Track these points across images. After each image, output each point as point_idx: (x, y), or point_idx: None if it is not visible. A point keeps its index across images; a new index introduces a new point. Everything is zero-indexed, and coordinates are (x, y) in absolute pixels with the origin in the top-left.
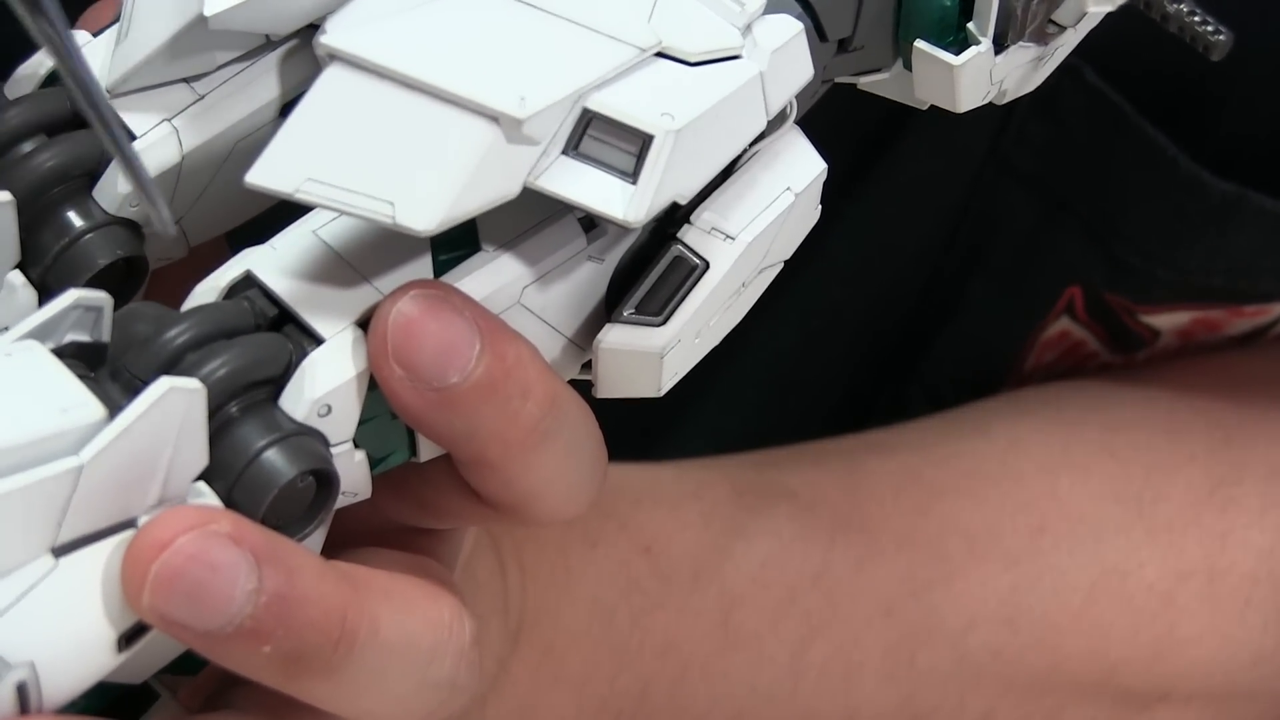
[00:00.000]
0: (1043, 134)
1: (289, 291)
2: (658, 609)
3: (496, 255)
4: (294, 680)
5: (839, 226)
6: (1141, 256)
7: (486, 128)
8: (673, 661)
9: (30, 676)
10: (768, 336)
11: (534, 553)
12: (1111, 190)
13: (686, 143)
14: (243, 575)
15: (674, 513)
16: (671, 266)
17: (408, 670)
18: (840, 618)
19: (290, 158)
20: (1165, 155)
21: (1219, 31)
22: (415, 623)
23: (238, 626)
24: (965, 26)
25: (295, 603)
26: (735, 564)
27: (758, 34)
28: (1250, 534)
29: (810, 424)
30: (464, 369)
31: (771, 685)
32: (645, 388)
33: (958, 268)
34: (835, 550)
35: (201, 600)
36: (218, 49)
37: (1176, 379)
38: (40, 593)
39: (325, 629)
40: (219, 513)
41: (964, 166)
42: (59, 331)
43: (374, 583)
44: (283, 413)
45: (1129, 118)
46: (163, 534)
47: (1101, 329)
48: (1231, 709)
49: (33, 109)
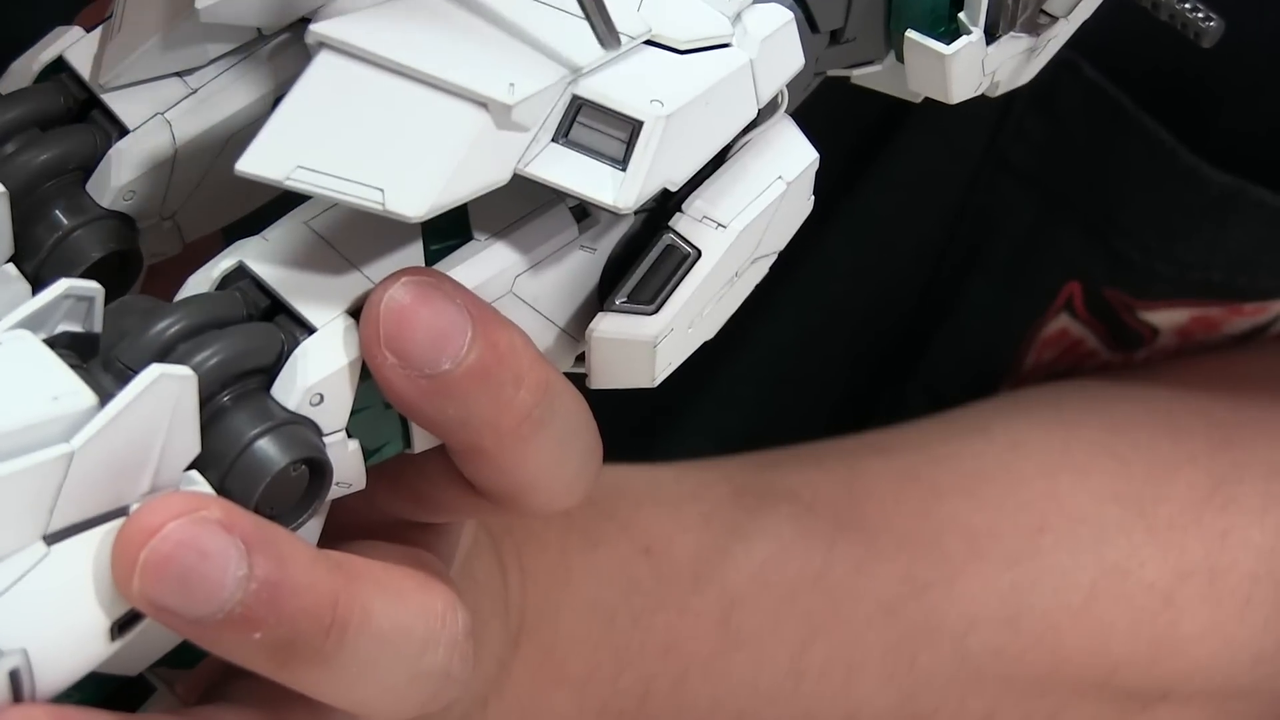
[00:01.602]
0: (1041, 129)
1: (280, 281)
2: (658, 610)
3: (488, 244)
4: (285, 668)
5: (838, 224)
6: (1140, 251)
7: (476, 114)
8: (673, 662)
9: (23, 663)
10: (767, 334)
11: (534, 554)
12: (1110, 184)
13: (676, 129)
14: (233, 562)
15: (674, 514)
16: (663, 255)
17: (400, 660)
18: (841, 618)
19: (280, 145)
20: (1164, 147)
21: (1210, 18)
22: (407, 612)
23: (228, 613)
24: (957, 17)
25: (286, 590)
26: (735, 565)
27: (747, 22)
28: (1251, 533)
29: (811, 422)
30: (456, 356)
31: (772, 685)
32: (639, 378)
33: (957, 265)
34: (835, 551)
35: (192, 586)
36: (210, 42)
37: (1177, 379)
38: (32, 580)
39: (316, 616)
40: (209, 499)
41: (962, 164)
42: (51, 321)
43: (366, 572)
44: (275, 402)
45: (1128, 111)
46: (152, 520)
47: (1101, 326)
48: (1232, 708)
49: (27, 104)
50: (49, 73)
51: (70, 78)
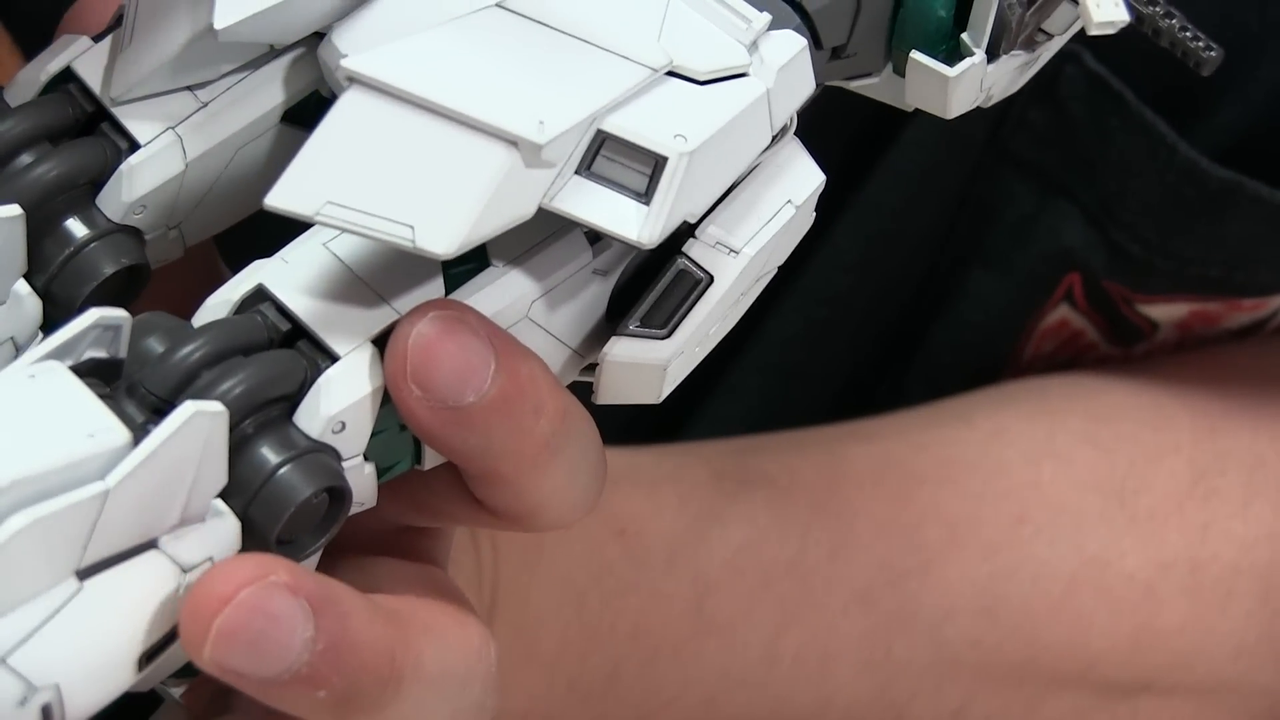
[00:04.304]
0: (1042, 120)
1: (304, 308)
2: (630, 592)
3: (506, 271)
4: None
5: (842, 215)
6: (1139, 244)
7: (505, 152)
8: (644, 644)
9: (54, 699)
10: (772, 325)
11: (507, 532)
12: (1110, 176)
13: (699, 163)
14: (300, 624)
15: (650, 496)
16: (676, 280)
17: (444, 700)
18: (815, 605)
19: (310, 181)
20: (1165, 142)
21: (1210, 48)
22: (450, 653)
23: (294, 673)
24: (958, 35)
25: (349, 648)
26: (710, 549)
27: (764, 51)
28: (1233, 525)
29: (814, 413)
30: (480, 389)
31: (744, 671)
32: (646, 396)
33: (958, 255)
34: (811, 537)
35: (261, 650)
36: (223, 59)
37: (1163, 371)
38: (65, 616)
39: (377, 671)
40: (275, 561)
41: (964, 154)
42: (78, 349)
43: (415, 618)
44: (298, 430)
45: (1129, 104)
46: (225, 588)
47: (1101, 318)
48: (1214, 701)
49: (35, 117)
50: (55, 83)
51: (79, 89)
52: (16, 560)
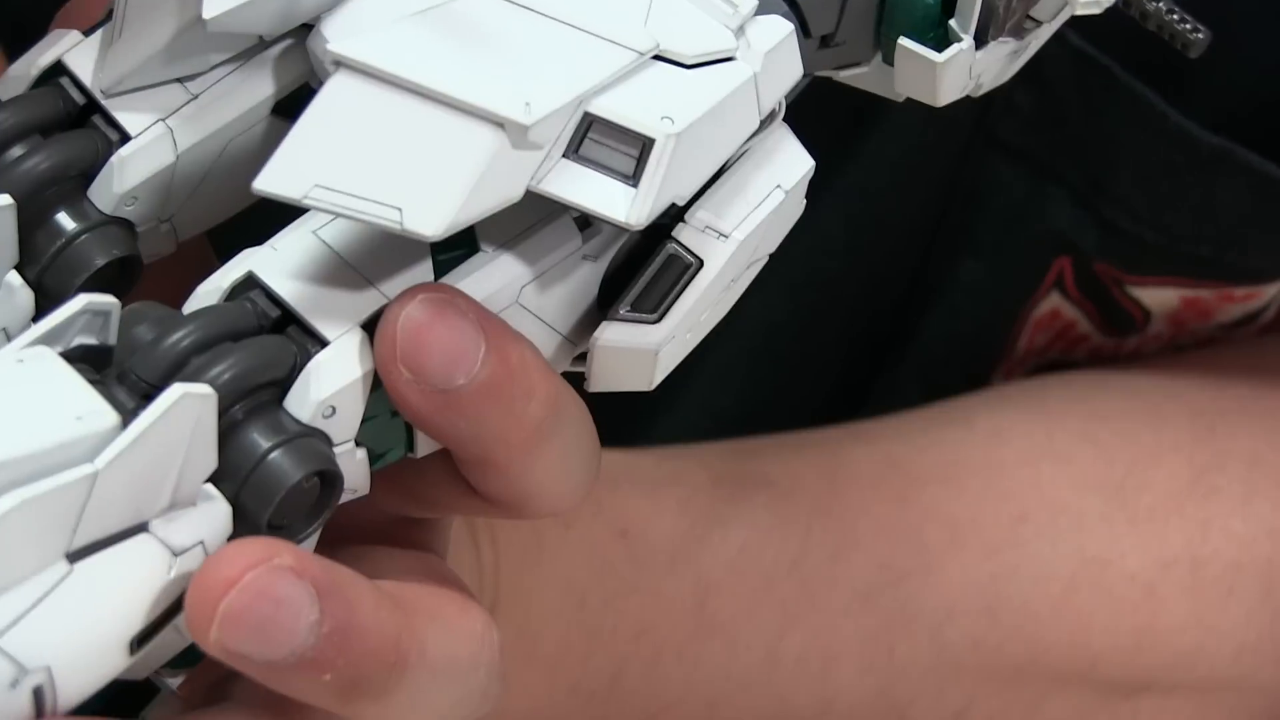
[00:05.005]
0: (1029, 101)
1: (293, 294)
2: (632, 593)
3: (495, 256)
4: (348, 705)
5: (830, 200)
6: (1130, 218)
7: (492, 134)
8: (646, 646)
9: (46, 681)
10: (761, 312)
11: (508, 532)
12: (1099, 151)
13: (686, 145)
14: (306, 608)
15: (651, 498)
16: (666, 265)
17: (448, 686)
18: (817, 607)
19: (298, 164)
20: (1155, 110)
21: (1197, 29)
22: (454, 640)
23: (300, 657)
24: (946, 23)
25: (355, 632)
26: (712, 551)
27: (750, 35)
28: (1233, 523)
29: (805, 403)
30: (470, 371)
31: (746, 673)
32: (638, 383)
33: (947, 244)
34: (812, 538)
35: (267, 634)
36: (213, 50)
37: (1160, 369)
38: (55, 598)
39: (382, 656)
40: (279, 544)
41: (952, 140)
42: (68, 335)
43: (420, 605)
44: (288, 414)
45: (1116, 77)
46: (230, 571)
47: (1092, 306)
48: (1215, 700)
49: (26, 110)
50: (46, 77)
51: (70, 82)
52: (6, 542)
